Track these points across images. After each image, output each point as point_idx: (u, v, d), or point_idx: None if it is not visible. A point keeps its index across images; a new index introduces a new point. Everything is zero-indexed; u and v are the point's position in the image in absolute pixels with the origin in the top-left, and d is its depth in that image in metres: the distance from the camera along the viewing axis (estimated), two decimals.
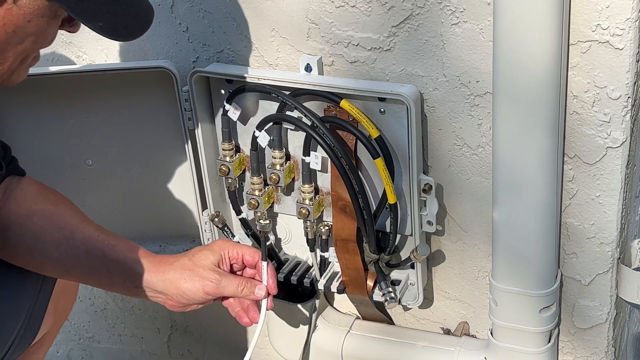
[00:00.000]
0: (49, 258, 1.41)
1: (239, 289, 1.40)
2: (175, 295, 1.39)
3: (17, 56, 1.18)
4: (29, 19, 1.13)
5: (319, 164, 1.51)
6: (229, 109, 1.54)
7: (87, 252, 1.40)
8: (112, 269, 1.41)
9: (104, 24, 1.16)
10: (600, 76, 1.30)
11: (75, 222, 1.41)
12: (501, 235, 1.43)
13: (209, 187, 1.64)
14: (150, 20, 1.23)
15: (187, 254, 1.42)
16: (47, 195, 1.44)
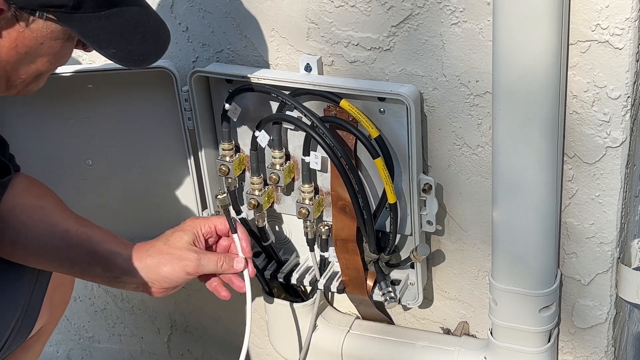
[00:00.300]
0: (30, 251, 1.41)
1: (219, 265, 1.41)
2: (157, 281, 1.39)
3: (30, 74, 1.20)
4: (42, 41, 1.15)
5: (318, 163, 1.51)
6: (228, 109, 1.54)
7: (67, 245, 1.40)
8: (92, 262, 1.41)
9: (116, 50, 1.18)
10: (599, 76, 1.30)
11: (56, 215, 1.42)
12: (501, 235, 1.43)
13: (208, 187, 1.64)
14: (166, 45, 1.25)
15: (161, 238, 1.43)
16: (31, 189, 1.44)
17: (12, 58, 1.15)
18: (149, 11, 1.23)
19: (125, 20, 1.18)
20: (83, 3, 1.13)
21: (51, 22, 1.13)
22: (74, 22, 1.14)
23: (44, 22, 1.13)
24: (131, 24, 1.19)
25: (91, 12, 1.14)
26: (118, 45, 1.18)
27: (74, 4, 1.12)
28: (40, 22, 1.13)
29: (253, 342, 1.96)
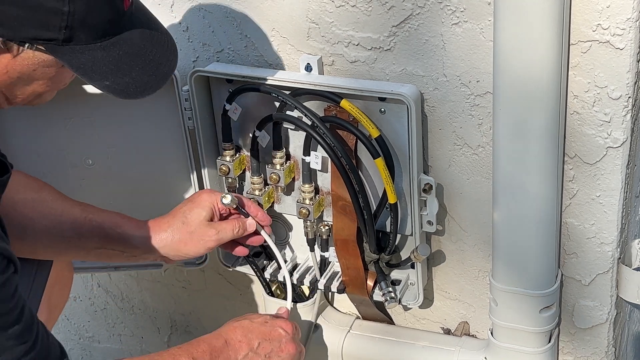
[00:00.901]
0: (40, 244, 1.43)
1: (235, 232, 1.48)
2: (175, 257, 1.47)
3: (27, 95, 1.17)
4: (34, 68, 1.11)
5: (319, 163, 1.51)
6: (229, 109, 1.54)
7: (77, 234, 1.43)
8: (107, 246, 1.46)
9: (110, 83, 1.13)
10: (600, 76, 1.30)
11: (59, 206, 1.44)
12: (501, 235, 1.43)
13: (209, 186, 1.64)
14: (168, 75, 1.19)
15: (177, 215, 1.47)
16: (29, 183, 1.45)
17: (4, 82, 1.12)
18: (154, 35, 1.17)
19: (123, 51, 1.12)
20: (74, 36, 1.08)
21: (41, 53, 1.09)
22: (64, 55, 1.09)
23: (33, 52, 1.09)
24: (129, 54, 1.13)
25: (84, 44, 1.09)
26: (113, 77, 1.13)
27: (65, 38, 1.07)
28: (29, 52, 1.09)
29: None
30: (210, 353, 1.34)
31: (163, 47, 1.18)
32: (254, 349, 1.40)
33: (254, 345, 1.40)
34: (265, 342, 1.41)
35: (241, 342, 1.39)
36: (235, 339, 1.39)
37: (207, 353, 1.34)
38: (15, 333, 1.08)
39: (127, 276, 2.03)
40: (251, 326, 1.42)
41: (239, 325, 1.41)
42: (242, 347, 1.39)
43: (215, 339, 1.38)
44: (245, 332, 1.40)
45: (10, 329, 1.08)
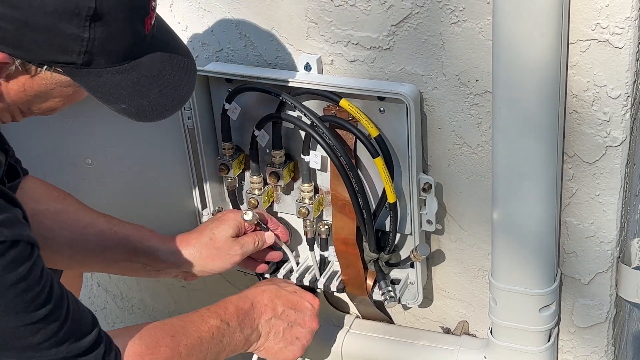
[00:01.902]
0: (61, 255, 1.44)
1: (256, 244, 1.52)
2: (200, 272, 1.50)
3: (42, 110, 1.17)
4: (51, 87, 1.11)
5: (318, 163, 1.51)
6: (228, 108, 1.54)
7: (102, 246, 1.45)
8: (133, 259, 1.47)
9: (127, 106, 1.12)
10: (599, 75, 1.30)
11: (83, 217, 1.45)
12: (501, 234, 1.43)
13: (208, 186, 1.64)
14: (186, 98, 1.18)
15: (205, 231, 1.50)
16: (50, 193, 1.45)
17: (21, 99, 1.12)
18: (173, 58, 1.15)
19: (141, 74, 1.11)
20: (93, 61, 1.07)
21: (59, 74, 1.08)
22: (82, 78, 1.08)
23: (51, 73, 1.08)
24: (148, 78, 1.11)
25: (102, 68, 1.08)
26: (130, 100, 1.11)
27: (83, 62, 1.06)
28: (47, 73, 1.08)
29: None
30: (237, 315, 1.38)
31: (182, 70, 1.16)
32: (278, 315, 1.44)
33: (279, 311, 1.44)
34: (290, 310, 1.45)
35: (267, 306, 1.42)
36: (261, 302, 1.42)
37: (234, 315, 1.37)
38: (46, 312, 1.10)
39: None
40: (279, 292, 1.45)
41: (267, 290, 1.45)
42: (267, 311, 1.42)
43: (242, 302, 1.41)
44: (272, 297, 1.44)
45: (42, 309, 1.10)
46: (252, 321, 1.40)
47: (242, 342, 1.39)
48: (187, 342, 1.28)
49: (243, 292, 1.44)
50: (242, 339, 1.39)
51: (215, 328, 1.33)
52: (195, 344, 1.29)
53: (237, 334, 1.37)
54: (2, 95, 1.10)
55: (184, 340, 1.27)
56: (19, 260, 1.08)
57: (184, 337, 1.28)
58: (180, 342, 1.26)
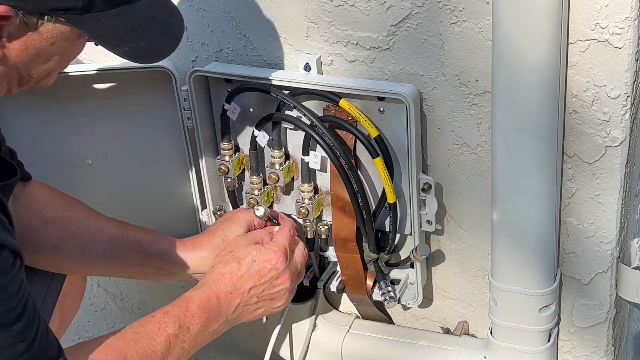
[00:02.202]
0: (72, 262, 1.45)
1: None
2: None
3: (42, 73, 1.18)
4: (52, 42, 1.13)
5: (318, 163, 1.51)
6: (228, 109, 1.54)
7: (114, 252, 1.45)
8: (145, 263, 1.46)
9: (129, 48, 1.16)
10: (599, 75, 1.30)
11: (93, 223, 1.45)
12: (500, 235, 1.43)
13: (208, 186, 1.64)
14: (179, 36, 1.22)
15: (217, 232, 1.49)
16: (57, 200, 1.45)
17: (23, 60, 1.13)
18: (158, 1, 1.19)
19: (136, 16, 1.14)
20: (93, 4, 1.10)
21: (60, 24, 1.11)
22: (83, 24, 1.11)
23: (53, 24, 1.10)
24: (142, 19, 1.15)
25: (101, 12, 1.11)
26: (130, 42, 1.15)
27: (83, 5, 1.09)
28: (49, 24, 1.10)
29: (252, 342, 1.95)
30: (200, 315, 1.31)
31: (170, 11, 1.20)
32: (245, 296, 1.38)
33: (245, 291, 1.38)
34: (255, 287, 1.39)
35: (232, 294, 1.37)
36: (225, 292, 1.36)
37: (197, 316, 1.31)
38: (17, 330, 1.08)
39: None
40: (239, 272, 1.38)
41: (227, 272, 1.38)
42: (234, 298, 1.37)
43: (205, 297, 1.34)
44: (234, 280, 1.37)
45: (13, 325, 1.07)
46: (220, 314, 1.35)
47: (208, 338, 1.34)
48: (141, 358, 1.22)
49: (204, 283, 1.37)
50: (209, 337, 1.33)
51: (173, 337, 1.26)
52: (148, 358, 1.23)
53: (202, 334, 1.32)
54: (5, 58, 1.11)
55: (138, 358, 1.22)
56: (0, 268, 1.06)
57: (136, 355, 1.22)
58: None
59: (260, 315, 1.42)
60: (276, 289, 1.41)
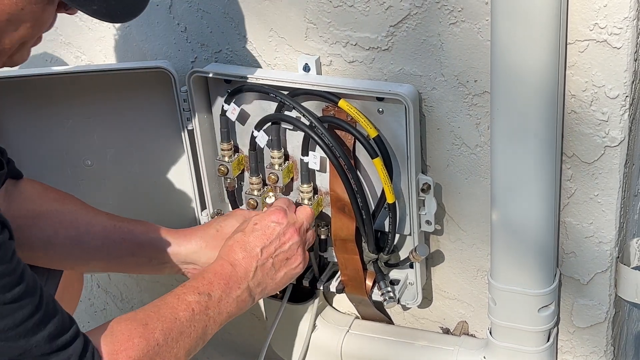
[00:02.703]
0: (66, 254, 1.44)
1: None
2: (205, 264, 1.43)
3: (14, 42, 1.14)
4: (22, 6, 1.09)
5: (317, 163, 1.51)
6: (227, 109, 1.54)
7: (108, 243, 1.44)
8: (137, 253, 1.45)
9: (98, 7, 1.12)
10: (598, 75, 1.30)
11: (86, 216, 1.45)
12: (500, 235, 1.43)
13: (207, 187, 1.64)
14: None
15: (211, 224, 1.49)
16: (49, 194, 1.45)
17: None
18: None
19: None
20: None
21: None
22: None
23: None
24: None
25: None
26: (99, 1, 1.11)
27: None
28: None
29: (252, 342, 1.96)
30: (219, 282, 1.31)
31: None
32: (260, 259, 1.37)
33: (257, 254, 1.37)
34: (266, 247, 1.38)
35: (245, 259, 1.36)
36: (238, 259, 1.36)
37: (215, 283, 1.30)
38: (15, 296, 1.05)
39: (127, 277, 2.03)
40: (246, 238, 1.38)
41: (235, 243, 1.38)
42: (249, 264, 1.36)
43: (220, 267, 1.34)
44: (244, 246, 1.37)
45: (9, 291, 1.04)
46: (239, 282, 1.33)
47: (234, 307, 1.32)
48: (164, 326, 1.19)
49: (217, 258, 1.37)
50: (234, 304, 1.32)
51: (195, 303, 1.24)
52: (173, 327, 1.20)
53: (225, 301, 1.30)
54: None
55: (160, 326, 1.19)
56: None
57: (158, 323, 1.19)
58: (156, 329, 1.18)
59: (284, 281, 1.41)
60: (287, 245, 1.40)
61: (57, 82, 1.61)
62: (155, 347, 1.17)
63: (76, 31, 1.73)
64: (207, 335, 1.27)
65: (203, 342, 1.27)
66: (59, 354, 1.09)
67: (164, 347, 1.18)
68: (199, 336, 1.24)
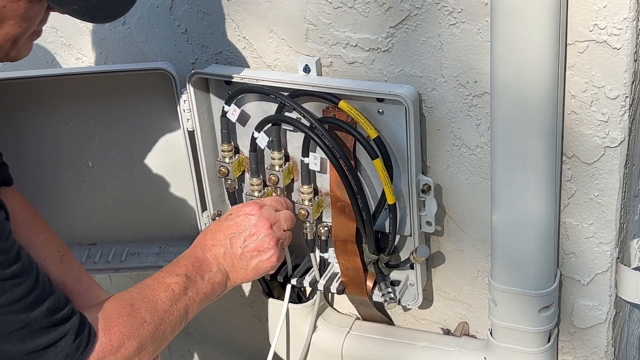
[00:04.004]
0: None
1: None
2: None
3: (3, 39, 1.14)
4: (3, 4, 1.09)
5: (318, 164, 1.51)
6: (227, 110, 1.54)
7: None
8: None
9: (78, 7, 1.12)
10: (598, 76, 1.30)
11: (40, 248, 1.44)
12: (500, 236, 1.43)
13: (208, 188, 1.64)
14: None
15: None
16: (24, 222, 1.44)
17: None
18: None
19: None
20: None
21: None
22: None
23: None
24: None
25: None
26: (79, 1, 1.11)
27: None
28: None
29: (253, 343, 1.96)
30: (193, 265, 1.38)
31: None
32: (228, 246, 1.43)
33: (226, 243, 1.43)
34: (234, 236, 1.43)
35: (214, 245, 1.42)
36: (208, 245, 1.42)
37: (190, 266, 1.37)
38: (13, 272, 1.09)
39: (128, 278, 2.03)
40: (217, 226, 1.45)
41: (207, 230, 1.45)
42: (217, 248, 1.42)
43: (192, 252, 1.41)
44: (214, 234, 1.43)
45: (8, 268, 1.09)
46: (209, 265, 1.40)
47: (209, 288, 1.39)
48: (148, 306, 1.27)
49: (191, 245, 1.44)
50: (209, 285, 1.39)
51: (174, 284, 1.32)
52: (157, 307, 1.28)
53: (200, 282, 1.37)
54: None
55: (144, 306, 1.27)
56: None
57: (143, 303, 1.27)
58: (141, 308, 1.26)
59: (258, 271, 1.45)
60: (256, 236, 1.44)
61: (58, 83, 1.61)
62: (143, 324, 1.25)
63: (77, 33, 1.73)
64: (189, 313, 1.35)
65: (186, 320, 1.35)
66: (58, 328, 1.15)
67: (151, 324, 1.26)
68: (181, 314, 1.33)
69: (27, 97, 1.63)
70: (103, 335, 1.19)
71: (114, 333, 1.21)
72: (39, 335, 1.13)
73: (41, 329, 1.13)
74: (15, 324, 1.11)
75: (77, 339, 1.16)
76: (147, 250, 1.78)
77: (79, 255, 1.75)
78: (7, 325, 1.10)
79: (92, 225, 1.76)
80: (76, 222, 1.75)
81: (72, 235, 1.72)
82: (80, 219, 1.75)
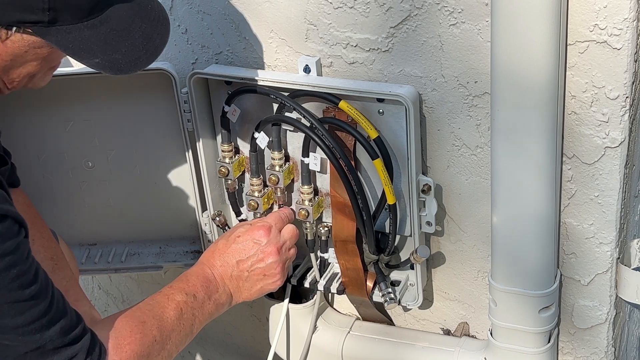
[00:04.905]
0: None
1: None
2: None
3: (22, 77, 1.17)
4: (25, 50, 1.12)
5: (318, 165, 1.51)
6: (228, 111, 1.54)
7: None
8: None
9: (100, 60, 1.14)
10: (598, 76, 1.30)
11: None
12: (500, 236, 1.43)
13: (208, 188, 1.64)
14: (159, 49, 1.19)
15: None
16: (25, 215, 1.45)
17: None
18: (143, 9, 1.17)
19: (110, 28, 1.12)
20: (59, 17, 1.08)
21: (29, 35, 1.10)
22: (51, 36, 1.10)
23: (21, 35, 1.10)
24: (117, 31, 1.13)
25: (70, 24, 1.10)
26: (102, 55, 1.13)
27: (50, 19, 1.08)
28: (17, 35, 1.10)
29: (254, 344, 1.96)
30: (201, 284, 1.39)
31: (153, 22, 1.18)
32: (235, 270, 1.44)
33: (233, 265, 1.44)
34: (242, 261, 1.44)
35: (222, 266, 1.44)
36: (216, 265, 1.43)
37: (199, 285, 1.39)
38: (32, 293, 1.11)
39: (128, 278, 2.03)
40: (225, 247, 1.45)
41: (215, 250, 1.46)
42: (225, 271, 1.44)
43: (201, 269, 1.42)
44: (222, 255, 1.45)
45: (27, 288, 1.10)
46: (217, 285, 1.41)
47: (214, 308, 1.40)
48: (158, 324, 1.29)
49: (199, 262, 1.45)
50: (214, 306, 1.40)
51: (182, 303, 1.33)
52: (166, 325, 1.30)
53: (207, 303, 1.39)
54: None
55: (155, 324, 1.28)
56: (5, 235, 1.08)
57: (154, 321, 1.28)
58: (153, 326, 1.27)
59: (261, 292, 1.47)
60: (264, 262, 1.45)
61: (59, 83, 1.61)
62: (153, 343, 1.26)
63: None
64: (194, 332, 1.36)
65: (191, 338, 1.36)
66: (70, 347, 1.16)
67: (160, 342, 1.28)
68: (187, 333, 1.34)
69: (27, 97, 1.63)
70: (114, 353, 1.21)
71: (125, 352, 1.22)
72: (52, 354, 1.14)
73: (54, 349, 1.14)
74: (31, 344, 1.12)
75: (87, 358, 1.17)
76: (147, 251, 1.78)
77: (79, 255, 1.75)
78: (23, 345, 1.12)
79: (92, 225, 1.76)
80: (76, 222, 1.75)
81: (72, 236, 1.72)
82: (81, 219, 1.75)
